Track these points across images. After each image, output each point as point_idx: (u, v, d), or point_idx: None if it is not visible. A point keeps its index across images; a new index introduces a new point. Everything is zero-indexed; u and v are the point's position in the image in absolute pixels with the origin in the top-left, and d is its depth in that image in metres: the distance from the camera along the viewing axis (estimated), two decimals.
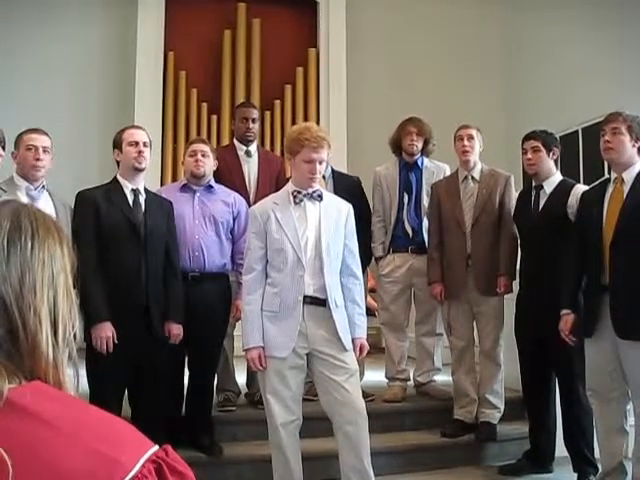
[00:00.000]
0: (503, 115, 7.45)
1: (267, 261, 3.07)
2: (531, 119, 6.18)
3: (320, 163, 3.04)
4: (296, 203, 3.08)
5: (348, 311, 3.13)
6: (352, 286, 3.16)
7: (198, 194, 3.81)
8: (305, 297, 3.01)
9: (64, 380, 0.87)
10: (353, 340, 3.11)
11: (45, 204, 3.23)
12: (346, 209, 3.19)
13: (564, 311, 3.43)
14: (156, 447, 0.81)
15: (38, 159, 3.26)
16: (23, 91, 6.63)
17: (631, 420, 3.37)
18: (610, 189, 3.33)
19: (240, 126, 4.45)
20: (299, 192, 3.09)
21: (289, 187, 3.14)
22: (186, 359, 3.76)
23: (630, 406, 3.36)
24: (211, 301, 3.68)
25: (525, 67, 7.40)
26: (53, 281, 0.89)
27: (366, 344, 3.19)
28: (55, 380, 0.86)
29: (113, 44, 7.16)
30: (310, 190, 3.09)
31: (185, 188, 3.85)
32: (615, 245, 3.19)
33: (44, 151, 3.30)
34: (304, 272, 3.00)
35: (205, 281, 3.69)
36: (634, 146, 3.27)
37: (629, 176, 3.27)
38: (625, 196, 3.24)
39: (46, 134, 3.36)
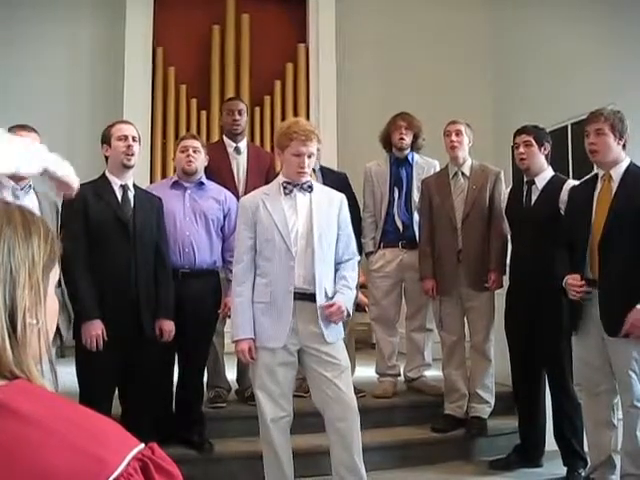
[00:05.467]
0: (492, 111, 7.46)
1: (256, 251, 3.07)
2: (520, 115, 6.18)
3: (309, 157, 3.05)
4: (286, 194, 3.09)
5: (335, 287, 3.09)
6: (346, 264, 3.16)
7: (189, 191, 3.80)
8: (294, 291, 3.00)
9: (32, 377, 0.85)
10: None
11: (31, 202, 3.20)
12: (338, 199, 3.20)
13: (567, 276, 3.33)
14: (142, 445, 0.80)
15: None
16: (12, 89, 6.58)
17: (619, 414, 3.39)
18: (598, 186, 3.33)
19: (227, 119, 4.44)
20: (289, 183, 3.09)
21: (279, 179, 3.15)
22: (175, 356, 3.75)
23: (618, 400, 3.38)
24: (201, 298, 3.68)
25: (514, 63, 7.40)
26: (11, 276, 0.85)
27: (341, 306, 3.00)
28: (22, 377, 0.84)
29: (102, 40, 7.10)
30: (300, 182, 3.10)
31: (176, 185, 3.83)
32: (605, 242, 3.20)
33: None
34: (294, 262, 3.00)
35: (195, 278, 3.68)
36: (619, 144, 3.27)
37: (617, 174, 3.27)
38: (614, 194, 3.25)
39: (35, 131, 3.32)
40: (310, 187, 3.13)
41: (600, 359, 3.29)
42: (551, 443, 3.82)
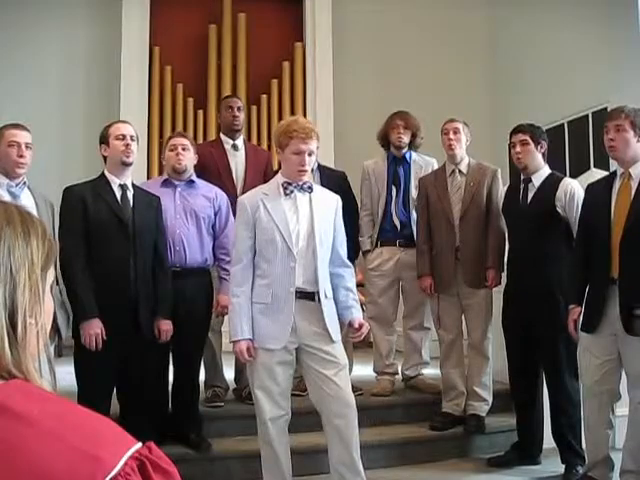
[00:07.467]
0: (490, 109, 7.46)
1: (255, 252, 3.07)
2: (517, 113, 6.19)
3: (309, 155, 3.03)
4: (286, 194, 3.07)
5: (341, 298, 3.12)
6: (344, 274, 3.17)
7: (179, 189, 3.78)
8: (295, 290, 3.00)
9: (30, 377, 0.85)
10: (351, 321, 3.09)
11: (26, 200, 3.20)
12: (335, 201, 3.19)
13: (572, 306, 3.42)
14: (139, 444, 0.80)
15: (21, 156, 3.22)
16: (8, 89, 6.57)
17: (623, 410, 3.39)
18: (617, 184, 3.31)
19: (226, 115, 4.45)
20: (289, 183, 3.08)
21: (279, 178, 3.13)
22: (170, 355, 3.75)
23: (618, 400, 3.38)
24: (193, 296, 3.67)
25: (511, 61, 7.40)
26: (11, 276, 0.85)
27: (365, 323, 3.15)
28: (20, 377, 0.84)
29: (98, 40, 7.09)
30: (300, 182, 3.09)
31: (166, 183, 3.82)
32: (626, 241, 3.17)
33: (26, 147, 3.26)
34: (295, 263, 2.99)
35: (186, 276, 3.66)
36: (638, 141, 3.25)
37: (636, 171, 3.25)
38: (634, 192, 3.22)
39: (27, 129, 3.32)
40: (310, 188, 3.11)
41: (609, 356, 3.29)
42: (549, 440, 3.83)
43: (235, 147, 4.41)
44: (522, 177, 3.85)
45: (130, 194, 3.40)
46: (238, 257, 3.08)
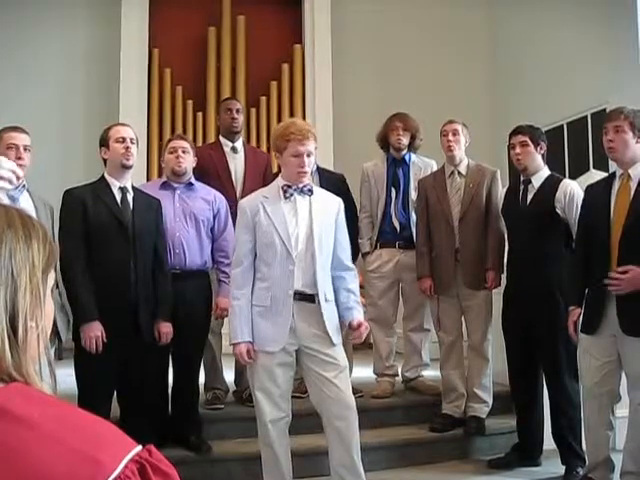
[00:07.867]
0: (489, 110, 7.46)
1: (256, 255, 3.07)
2: (517, 113, 6.19)
3: (308, 156, 3.03)
4: (286, 197, 3.07)
5: (342, 299, 3.12)
6: (346, 276, 3.16)
7: (178, 192, 3.78)
8: (294, 292, 3.00)
9: (31, 380, 0.85)
10: (351, 322, 3.08)
11: (25, 203, 3.20)
12: (337, 203, 3.19)
13: (572, 307, 3.42)
14: (139, 447, 0.80)
15: (20, 158, 3.22)
16: (7, 91, 6.57)
17: (623, 412, 3.39)
18: (616, 185, 3.32)
19: (225, 117, 4.46)
20: (289, 186, 3.08)
21: (279, 181, 3.13)
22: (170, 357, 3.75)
23: (618, 401, 3.38)
24: (192, 299, 3.67)
25: (511, 60, 7.40)
26: (12, 279, 0.86)
27: (365, 323, 3.13)
28: (20, 380, 0.84)
29: (97, 42, 7.09)
30: (300, 185, 3.09)
31: (165, 185, 3.82)
32: (624, 241, 3.18)
33: (25, 150, 3.27)
34: (294, 266, 2.99)
35: (186, 279, 3.66)
36: (637, 142, 3.25)
37: (635, 172, 3.25)
38: (633, 192, 3.23)
39: (26, 132, 3.32)
40: (310, 190, 3.11)
41: (609, 358, 3.29)
42: (549, 442, 3.82)
43: (234, 149, 4.41)
44: (521, 178, 3.86)
45: (130, 197, 3.40)
46: (238, 260, 3.08)
